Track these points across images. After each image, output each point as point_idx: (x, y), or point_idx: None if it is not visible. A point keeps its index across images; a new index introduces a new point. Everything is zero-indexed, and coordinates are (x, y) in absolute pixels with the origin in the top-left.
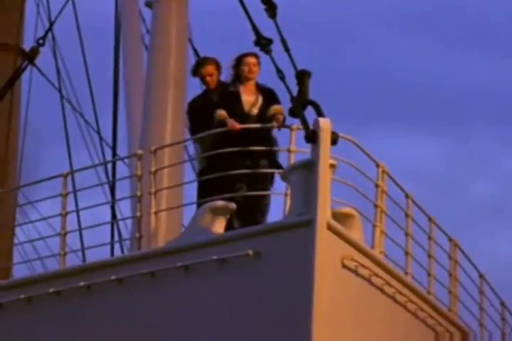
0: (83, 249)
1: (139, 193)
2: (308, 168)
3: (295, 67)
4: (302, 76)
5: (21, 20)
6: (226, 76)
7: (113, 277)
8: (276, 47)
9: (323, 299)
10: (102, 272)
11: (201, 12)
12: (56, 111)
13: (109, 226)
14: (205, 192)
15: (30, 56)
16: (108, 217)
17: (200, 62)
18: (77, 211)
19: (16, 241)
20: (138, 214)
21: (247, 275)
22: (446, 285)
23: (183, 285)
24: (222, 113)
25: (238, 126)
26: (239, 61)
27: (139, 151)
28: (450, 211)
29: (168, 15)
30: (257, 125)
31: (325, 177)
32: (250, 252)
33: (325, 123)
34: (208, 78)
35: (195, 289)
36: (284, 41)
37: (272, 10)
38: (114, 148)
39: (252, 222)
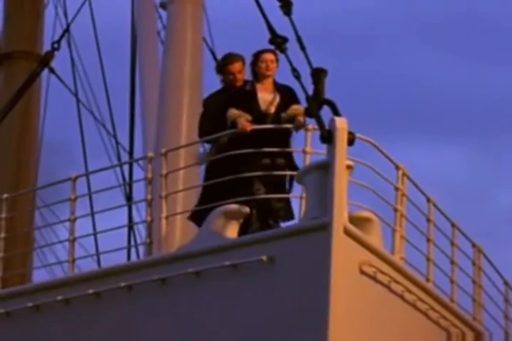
0: (98, 254)
1: (149, 197)
2: (324, 169)
3: (310, 65)
4: (318, 74)
5: (41, 28)
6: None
7: (122, 284)
8: (292, 46)
9: (340, 307)
10: (111, 279)
11: (216, 11)
12: (73, 115)
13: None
14: (218, 194)
15: (45, 60)
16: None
17: (228, 59)
18: (92, 214)
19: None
20: (148, 218)
21: (261, 282)
22: (469, 292)
23: (195, 292)
24: (234, 112)
25: (250, 127)
26: (256, 58)
27: (150, 154)
28: (474, 220)
29: (184, 16)
30: (271, 126)
31: (341, 179)
32: (264, 258)
33: (341, 123)
34: (239, 75)
35: (207, 296)
36: (299, 39)
37: (287, 7)
38: (130, 153)
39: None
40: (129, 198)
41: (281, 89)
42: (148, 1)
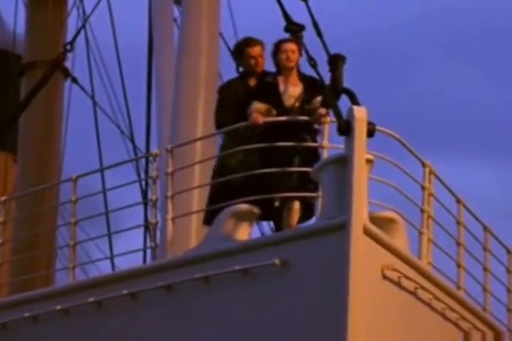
0: (112, 257)
1: (154, 197)
2: (342, 163)
3: (328, 53)
4: (336, 61)
5: (64, 38)
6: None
7: (125, 291)
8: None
9: (361, 315)
10: (114, 286)
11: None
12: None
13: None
14: (233, 193)
15: (57, 61)
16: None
17: (246, 42)
18: (107, 213)
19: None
20: (153, 220)
21: (273, 288)
22: (504, 301)
23: (203, 299)
24: (260, 106)
25: (261, 119)
26: (276, 48)
27: (155, 150)
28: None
29: (199, 11)
30: (284, 118)
31: (360, 174)
32: (277, 261)
33: (360, 113)
34: (260, 60)
35: (216, 303)
36: (316, 25)
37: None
38: (147, 157)
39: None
40: (145, 197)
41: (305, 80)
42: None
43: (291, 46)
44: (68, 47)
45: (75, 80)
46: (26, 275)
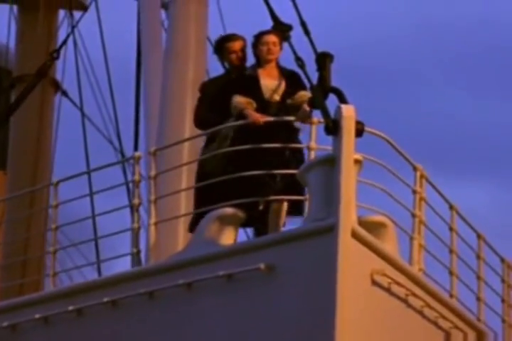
0: (99, 262)
1: (136, 201)
2: (329, 164)
3: (315, 51)
4: (323, 59)
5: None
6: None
7: (106, 299)
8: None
9: (349, 321)
10: (94, 294)
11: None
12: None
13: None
14: (218, 195)
15: (43, 69)
16: None
17: (227, 37)
18: (93, 217)
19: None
20: (135, 225)
21: (259, 293)
22: (498, 311)
23: (186, 306)
24: (241, 100)
25: (262, 118)
26: (257, 40)
27: (137, 153)
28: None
29: (186, 16)
30: (280, 118)
31: (349, 174)
32: (262, 266)
33: (349, 111)
34: (241, 54)
35: (200, 310)
36: (303, 24)
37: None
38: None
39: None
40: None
41: (286, 74)
42: (153, 10)
43: (272, 38)
44: (55, 55)
45: (65, 93)
46: (15, 280)
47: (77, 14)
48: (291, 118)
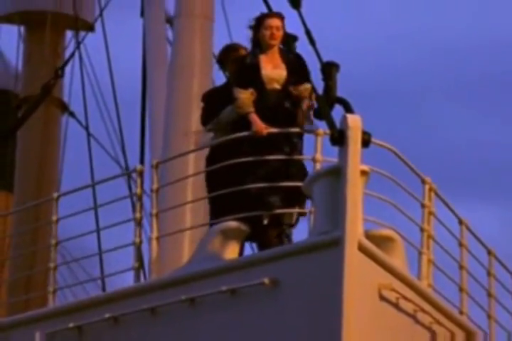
0: (103, 277)
1: (138, 215)
2: (335, 175)
3: (321, 60)
4: (329, 69)
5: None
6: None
7: (107, 315)
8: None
9: (356, 337)
10: (95, 310)
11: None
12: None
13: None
14: (220, 207)
15: (47, 87)
16: None
17: (231, 47)
18: (98, 231)
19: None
20: (137, 240)
21: (264, 308)
22: (510, 329)
23: (189, 322)
24: (244, 95)
25: (266, 129)
26: (259, 23)
27: (139, 166)
28: None
29: (191, 31)
30: (287, 129)
31: (355, 185)
32: (266, 280)
33: (354, 121)
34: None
35: (204, 325)
36: (308, 33)
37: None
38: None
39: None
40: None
41: (288, 59)
42: (158, 25)
43: (276, 22)
44: (59, 72)
45: (72, 114)
46: (20, 295)
47: (84, 34)
48: (296, 129)
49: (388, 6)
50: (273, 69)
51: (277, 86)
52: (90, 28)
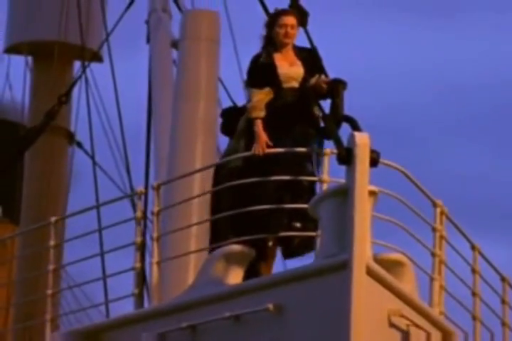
0: (107, 303)
1: (138, 239)
2: (342, 195)
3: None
4: (336, 86)
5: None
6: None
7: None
8: None
9: None
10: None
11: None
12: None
13: None
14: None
15: (51, 113)
16: None
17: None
18: (102, 255)
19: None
20: (137, 265)
21: (268, 334)
22: None
23: None
24: (259, 99)
25: (263, 150)
26: (273, 20)
27: (139, 188)
28: None
29: (197, 54)
30: (293, 149)
31: (363, 206)
32: (271, 306)
33: (362, 139)
34: None
35: None
36: (315, 50)
37: (303, 17)
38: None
39: None
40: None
41: (302, 55)
42: (163, 49)
43: (291, 20)
44: (63, 99)
45: (79, 145)
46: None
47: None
48: (303, 149)
49: (397, 43)
50: (290, 67)
51: (295, 84)
52: (98, 58)
